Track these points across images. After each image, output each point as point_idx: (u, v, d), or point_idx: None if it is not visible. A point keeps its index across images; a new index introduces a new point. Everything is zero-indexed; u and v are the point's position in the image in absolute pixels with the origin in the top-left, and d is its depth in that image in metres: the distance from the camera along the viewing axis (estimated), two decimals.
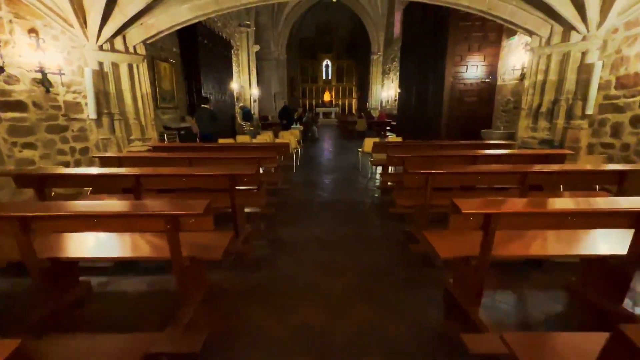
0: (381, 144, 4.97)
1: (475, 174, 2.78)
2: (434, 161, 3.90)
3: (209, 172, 2.77)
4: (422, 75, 9.49)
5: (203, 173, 2.77)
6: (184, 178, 2.78)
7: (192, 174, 2.78)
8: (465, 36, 7.52)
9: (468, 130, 7.94)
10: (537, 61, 5.44)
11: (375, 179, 6.21)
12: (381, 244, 3.12)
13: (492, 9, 5.20)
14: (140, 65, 5.60)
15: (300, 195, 5.03)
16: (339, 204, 4.45)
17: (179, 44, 8.20)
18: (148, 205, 1.83)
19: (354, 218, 3.89)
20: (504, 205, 1.71)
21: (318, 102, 27.30)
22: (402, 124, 12.12)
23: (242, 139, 7.23)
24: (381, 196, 4.86)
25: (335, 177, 6.30)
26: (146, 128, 5.84)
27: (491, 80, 7.75)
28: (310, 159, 8.57)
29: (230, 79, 11.12)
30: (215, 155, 3.97)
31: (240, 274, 2.58)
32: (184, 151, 4.74)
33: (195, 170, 2.87)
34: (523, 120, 5.74)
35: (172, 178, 2.79)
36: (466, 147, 4.91)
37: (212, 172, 2.77)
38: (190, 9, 5.25)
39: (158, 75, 7.21)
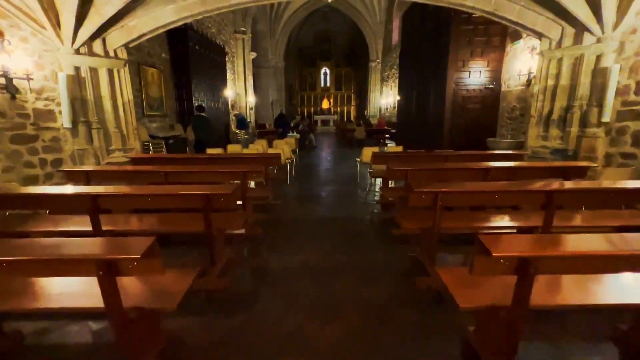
0: (381, 155, 4.56)
1: (493, 192, 2.35)
2: (440, 175, 3.48)
3: (177, 192, 2.34)
4: (423, 81, 9.15)
5: (170, 193, 2.34)
6: (150, 198, 2.35)
7: (158, 194, 2.35)
8: (467, 41, 7.20)
9: (471, 138, 7.57)
10: (547, 65, 5.07)
11: (374, 191, 5.78)
12: (383, 275, 2.66)
13: (498, 9, 4.85)
14: (122, 70, 5.21)
15: (293, 211, 4.59)
16: (335, 222, 4.00)
17: (168, 50, 7.86)
18: (75, 244, 1.39)
19: (351, 240, 3.45)
20: (548, 247, 1.28)
21: (316, 109, 27.07)
22: (401, 132, 11.76)
23: (233, 149, 6.81)
24: (381, 212, 4.42)
25: (332, 190, 5.86)
26: (128, 138, 5.42)
27: (495, 87, 7.40)
28: (306, 170, 8.14)
29: (225, 86, 10.78)
30: (196, 169, 3.55)
31: (210, 320, 2.08)
32: (163, 164, 4.32)
33: (162, 190, 2.45)
34: (533, 129, 5.35)
35: (135, 199, 2.36)
36: (474, 159, 4.51)
37: (181, 192, 2.34)
38: (174, 10, 4.89)
39: (145, 81, 6.84)
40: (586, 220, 2.72)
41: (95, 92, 5.01)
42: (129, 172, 3.47)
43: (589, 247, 1.32)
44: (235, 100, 13.40)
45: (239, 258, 2.98)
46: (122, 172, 3.47)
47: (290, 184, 6.23)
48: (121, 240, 1.40)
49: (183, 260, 2.87)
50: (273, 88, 21.75)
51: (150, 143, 6.35)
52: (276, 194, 5.25)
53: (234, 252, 3.05)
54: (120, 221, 2.60)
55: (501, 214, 2.79)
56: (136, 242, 1.31)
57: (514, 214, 2.80)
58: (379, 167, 4.93)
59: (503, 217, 2.73)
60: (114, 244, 1.36)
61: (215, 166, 3.69)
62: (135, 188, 2.45)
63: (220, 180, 3.64)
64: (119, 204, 2.40)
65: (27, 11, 4.07)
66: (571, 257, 1.27)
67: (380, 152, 4.60)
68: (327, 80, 27.19)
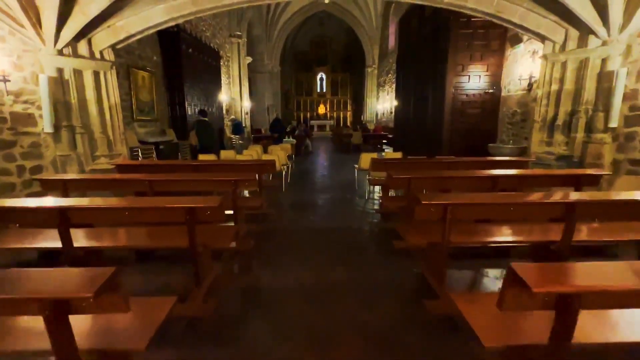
0: (380, 162, 4.35)
1: (508, 204, 2.13)
2: (444, 184, 3.26)
3: (156, 205, 2.09)
4: (421, 86, 9.01)
5: (149, 206, 2.09)
6: (126, 212, 2.09)
7: (136, 207, 2.09)
8: (467, 45, 7.07)
9: (471, 144, 7.40)
10: (550, 69, 4.92)
11: (373, 199, 5.55)
12: (386, 296, 2.40)
13: (500, 11, 4.70)
14: (109, 72, 4.97)
15: (287, 221, 4.33)
16: (332, 233, 3.75)
17: (160, 52, 7.63)
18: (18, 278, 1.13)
19: (350, 254, 3.19)
20: (596, 278, 1.05)
21: (313, 114, 26.93)
22: (399, 137, 11.60)
23: (226, 155, 6.56)
24: (382, 222, 4.18)
25: (329, 198, 5.62)
26: (114, 143, 5.16)
27: (495, 91, 7.26)
28: (302, 176, 7.90)
29: (219, 90, 10.56)
30: (184, 177, 3.29)
31: (193, 353, 1.86)
32: (150, 171, 4.07)
33: (139, 203, 2.19)
34: (536, 134, 5.18)
35: (109, 212, 2.10)
36: (477, 166, 4.31)
37: (161, 206, 2.08)
38: (164, 10, 4.67)
39: (135, 85, 6.59)
40: (604, 234, 2.51)
41: (80, 95, 4.75)
42: (110, 181, 3.20)
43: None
44: (230, 104, 13.17)
45: (228, 275, 2.71)
46: (103, 180, 3.20)
47: (285, 191, 5.97)
48: (76, 272, 1.14)
49: (165, 278, 2.61)
50: (269, 93, 21.60)
51: (139, 149, 6.07)
52: (271, 202, 5.00)
53: (223, 268, 2.79)
54: (95, 235, 2.34)
55: (513, 227, 2.57)
56: (92, 275, 1.06)
57: (527, 227, 2.58)
58: (378, 174, 4.71)
59: (516, 229, 2.51)
60: (66, 277, 1.10)
61: (204, 174, 3.44)
62: (110, 200, 2.19)
63: (211, 189, 3.39)
64: (91, 218, 2.14)
65: (4, 9, 3.82)
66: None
67: (379, 159, 4.38)
68: (324, 86, 27.12)
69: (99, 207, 2.05)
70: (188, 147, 8.06)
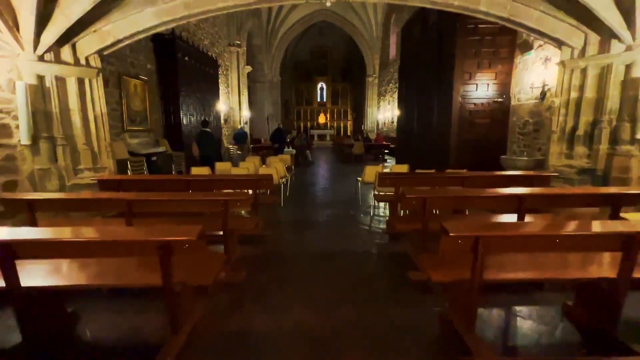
0: (388, 177, 3.95)
1: (555, 237, 1.73)
2: (463, 204, 2.87)
3: (119, 239, 1.69)
4: (425, 95, 8.70)
5: (114, 240, 1.69)
6: (79, 247, 1.69)
7: (96, 240, 1.69)
8: (474, 52, 6.78)
9: (480, 155, 7.03)
10: (569, 76, 4.59)
11: (378, 215, 5.14)
12: (403, 344, 1.95)
13: (514, 15, 4.39)
14: (94, 80, 4.63)
15: (286, 244, 3.85)
16: (336, 259, 3.31)
17: (155, 60, 7.33)
18: None
19: (358, 287, 2.73)
20: None
21: (313, 124, 26.76)
22: (402, 148, 11.26)
23: (221, 167, 6.18)
24: (390, 244, 3.76)
25: (331, 214, 5.20)
26: (100, 155, 4.79)
27: (504, 100, 6.93)
28: (302, 189, 7.50)
29: (217, 99, 10.26)
30: (167, 197, 2.89)
31: None
32: (135, 187, 3.69)
33: (105, 234, 1.79)
34: (555, 146, 4.81)
35: (60, 246, 1.69)
36: (495, 181, 3.93)
37: (127, 239, 1.69)
38: (154, 14, 4.36)
39: (126, 93, 6.26)
40: None
41: (62, 104, 4.40)
42: (83, 201, 2.81)
43: None
44: (229, 114, 12.88)
45: (214, 318, 2.27)
46: (75, 201, 2.80)
47: (284, 207, 5.56)
48: None
49: (138, 320, 2.18)
50: (269, 102, 21.43)
51: (129, 161, 5.70)
52: (268, 221, 4.59)
53: (208, 307, 2.36)
54: (48, 272, 1.93)
55: (554, 257, 2.16)
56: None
57: (577, 259, 2.16)
58: (385, 189, 4.32)
59: (558, 262, 2.10)
60: None
61: (190, 194, 3.04)
62: (64, 232, 1.78)
63: (199, 210, 2.99)
64: (38, 252, 1.73)
65: None
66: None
67: (386, 174, 3.99)
68: (324, 95, 27.02)
69: (47, 241, 1.65)
70: (183, 158, 7.71)
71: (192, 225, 1.76)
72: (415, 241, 3.20)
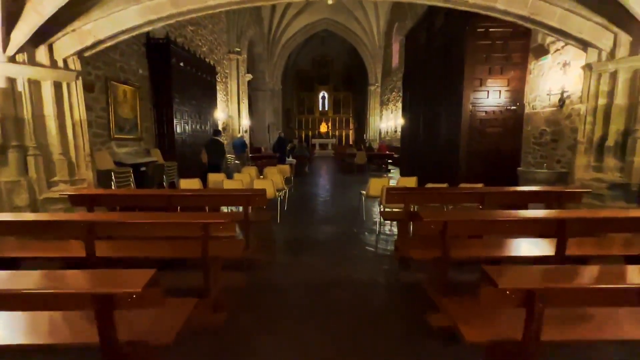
0: (397, 192, 3.47)
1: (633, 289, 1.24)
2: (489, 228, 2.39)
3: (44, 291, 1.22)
4: (431, 103, 8.29)
5: (38, 292, 1.22)
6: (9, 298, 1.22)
7: (14, 293, 1.22)
8: (485, 57, 6.37)
9: (491, 166, 6.56)
10: (596, 81, 4.14)
11: (385, 233, 4.64)
12: None
13: (535, 13, 3.97)
14: (73, 84, 4.23)
15: (279, 271, 3.33)
16: (337, 292, 2.77)
17: (148, 66, 6.98)
18: None
19: (364, 332, 2.21)
20: None
21: (314, 133, 26.48)
22: (406, 158, 10.81)
23: (214, 179, 5.73)
24: (401, 271, 3.25)
25: (332, 233, 4.69)
26: (78, 166, 4.35)
27: (518, 108, 6.49)
28: (301, 202, 7.02)
29: (214, 107, 9.89)
30: (140, 218, 2.43)
31: None
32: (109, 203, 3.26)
33: (18, 287, 1.31)
34: (581, 157, 4.33)
35: None
36: (520, 198, 3.44)
37: (52, 291, 1.21)
38: (139, 12, 3.97)
39: (114, 99, 5.87)
40: None
41: (36, 109, 3.99)
42: (38, 223, 2.34)
43: None
44: (227, 122, 12.51)
45: None
46: (26, 223, 2.33)
47: (280, 223, 5.07)
48: None
49: None
50: (270, 111, 21.17)
51: (113, 172, 5.26)
52: (261, 239, 4.11)
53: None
54: None
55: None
56: None
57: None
58: (394, 205, 3.84)
59: None
60: None
61: (164, 215, 2.57)
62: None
63: (175, 234, 2.52)
64: None
65: None
66: None
67: (395, 188, 3.52)
68: (325, 104, 26.82)
69: None
70: (176, 169, 7.27)
71: (142, 270, 1.28)
72: (432, 272, 2.70)
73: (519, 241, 2.64)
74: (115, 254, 2.38)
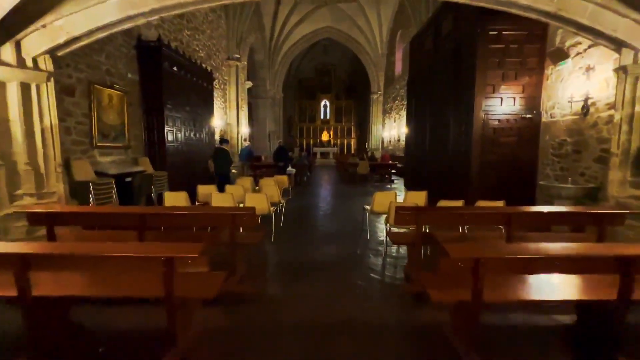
0: (408, 212, 2.95)
1: None
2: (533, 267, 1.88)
3: None
4: (439, 111, 7.83)
5: None
6: None
7: None
8: (497, 62, 5.92)
9: (506, 179, 6.05)
10: (632, 85, 3.66)
11: (392, 255, 4.09)
12: None
13: (563, 9, 3.52)
14: (44, 85, 3.79)
15: (268, 307, 2.73)
16: (336, 339, 2.20)
17: (138, 70, 6.57)
18: None
19: None
20: None
21: (316, 141, 26.10)
22: (411, 168, 10.31)
23: (203, 191, 5.25)
24: (414, 308, 2.69)
25: (333, 255, 4.09)
26: (47, 177, 3.88)
27: (534, 116, 6.01)
28: (300, 217, 6.49)
29: (211, 114, 9.48)
30: (92, 248, 1.93)
31: None
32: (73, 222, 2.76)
33: None
34: (616, 171, 3.82)
35: None
36: (552, 220, 2.92)
37: None
38: (117, 6, 3.55)
39: (98, 104, 5.44)
40: None
41: (0, 113, 3.55)
42: None
43: None
44: (225, 130, 12.10)
45: None
46: None
47: (275, 242, 4.54)
48: None
49: None
50: (271, 119, 20.84)
51: (91, 184, 4.78)
52: (251, 264, 3.58)
53: None
54: None
55: None
56: None
57: None
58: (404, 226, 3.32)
59: None
60: None
61: (116, 247, 2.06)
62: None
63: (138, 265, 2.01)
64: None
65: None
66: None
67: (406, 208, 3.00)
68: (327, 112, 26.52)
69: None
70: (166, 179, 6.79)
71: None
72: (456, 316, 2.16)
73: (568, 279, 2.11)
74: (56, 293, 1.87)
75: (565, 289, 2.06)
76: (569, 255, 1.74)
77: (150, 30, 7.03)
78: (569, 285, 2.09)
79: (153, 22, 7.16)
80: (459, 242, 3.60)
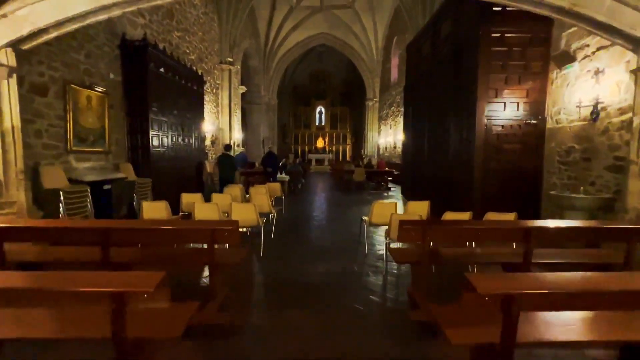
0: (413, 226, 2.59)
1: None
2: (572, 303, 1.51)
3: None
4: (438, 116, 7.56)
5: None
6: None
7: None
8: (501, 65, 5.66)
9: (509, 187, 5.75)
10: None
11: (393, 273, 3.71)
12: None
13: (578, 4, 3.24)
14: (5, 82, 3.38)
15: (250, 343, 2.28)
16: None
17: (121, 70, 6.19)
18: None
19: None
20: None
21: (311, 148, 25.80)
22: (408, 176, 10.00)
23: (188, 200, 4.84)
24: (421, 342, 2.29)
25: (327, 273, 3.66)
26: (7, 186, 3.44)
27: (539, 122, 5.74)
28: (292, 228, 6.08)
29: (201, 119, 9.09)
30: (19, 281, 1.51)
31: None
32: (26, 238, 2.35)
33: None
34: (635, 181, 3.51)
35: None
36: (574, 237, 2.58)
37: None
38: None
39: (74, 106, 5.03)
40: None
41: None
42: None
43: None
44: (216, 135, 11.70)
45: None
46: None
47: (264, 257, 4.13)
48: None
49: None
50: (265, 125, 20.50)
51: (62, 192, 4.34)
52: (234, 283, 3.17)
53: None
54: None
55: None
56: None
57: None
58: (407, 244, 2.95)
59: None
60: None
61: (49, 276, 1.65)
62: None
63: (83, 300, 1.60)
64: None
65: None
66: None
67: (411, 222, 2.65)
68: (322, 119, 26.30)
69: None
70: (150, 187, 6.36)
71: None
72: (475, 355, 1.78)
73: (609, 313, 1.74)
74: None
75: (608, 326, 1.69)
76: (627, 289, 1.38)
77: (137, 30, 6.67)
78: (611, 321, 1.72)
79: (139, 22, 6.82)
80: (468, 258, 3.23)
